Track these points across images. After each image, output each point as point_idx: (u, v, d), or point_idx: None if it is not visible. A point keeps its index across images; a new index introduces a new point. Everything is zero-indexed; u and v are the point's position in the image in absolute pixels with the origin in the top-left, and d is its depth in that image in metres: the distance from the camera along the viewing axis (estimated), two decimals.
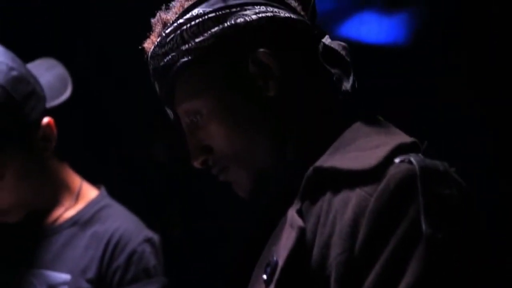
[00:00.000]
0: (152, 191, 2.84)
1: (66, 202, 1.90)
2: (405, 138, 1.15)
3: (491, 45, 2.55)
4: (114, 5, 2.75)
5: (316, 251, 1.07)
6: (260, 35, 1.21)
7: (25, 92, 1.74)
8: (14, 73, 1.73)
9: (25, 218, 1.86)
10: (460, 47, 2.59)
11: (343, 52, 1.22)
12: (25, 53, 1.88)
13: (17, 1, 2.72)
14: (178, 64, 1.22)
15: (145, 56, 1.29)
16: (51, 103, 1.85)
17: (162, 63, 1.24)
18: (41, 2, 2.76)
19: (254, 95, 1.21)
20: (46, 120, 1.80)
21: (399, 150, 1.10)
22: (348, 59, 1.22)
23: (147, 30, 1.30)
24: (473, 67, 2.58)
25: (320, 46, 1.23)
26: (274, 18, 1.21)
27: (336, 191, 1.10)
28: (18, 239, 1.88)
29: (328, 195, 1.11)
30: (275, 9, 1.22)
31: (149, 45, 1.28)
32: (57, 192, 1.90)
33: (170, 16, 1.25)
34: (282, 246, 1.11)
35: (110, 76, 2.84)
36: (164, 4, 1.30)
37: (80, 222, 1.87)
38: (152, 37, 1.28)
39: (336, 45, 1.23)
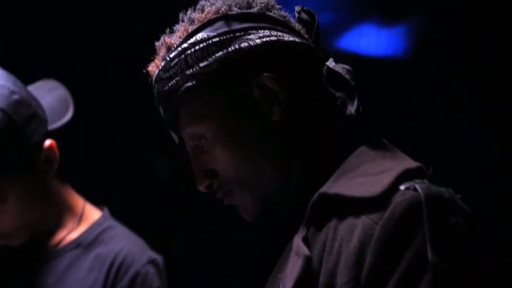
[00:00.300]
0: (154, 208, 2.84)
1: (69, 224, 1.89)
2: (411, 163, 1.15)
3: (491, 56, 2.55)
4: (115, 22, 2.75)
5: (322, 280, 1.07)
6: (264, 60, 1.21)
7: (27, 115, 1.73)
8: (16, 96, 1.73)
9: (28, 241, 1.85)
10: (460, 58, 2.58)
11: (347, 76, 1.22)
12: (26, 71, 1.87)
13: (17, 15, 2.72)
14: (183, 88, 1.22)
15: (149, 79, 1.29)
16: (53, 126, 1.85)
17: (166, 87, 1.24)
18: (42, 17, 2.76)
19: (259, 120, 1.21)
20: (48, 142, 1.79)
21: (404, 176, 1.10)
22: (353, 83, 1.22)
23: (148, 47, 1.30)
24: (474, 79, 2.57)
25: (324, 69, 1.23)
26: (278, 42, 1.21)
27: (341, 217, 1.10)
28: (21, 262, 1.87)
29: (333, 222, 1.11)
30: (279, 33, 1.22)
31: (153, 68, 1.28)
32: (60, 214, 1.89)
33: (174, 40, 1.25)
34: (288, 274, 1.11)
35: (110, 92, 2.84)
36: (168, 28, 1.30)
37: (83, 244, 1.86)
38: (156, 60, 1.28)
39: (340, 68, 1.23)
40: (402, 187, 1.07)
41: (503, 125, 2.48)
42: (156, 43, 1.29)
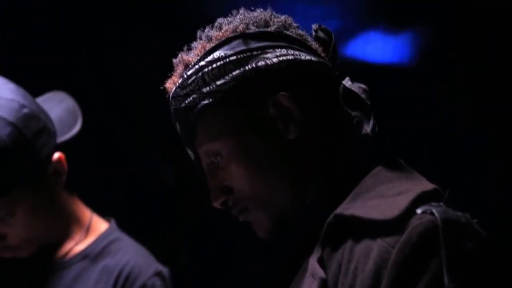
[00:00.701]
0: (160, 218, 2.84)
1: (76, 236, 1.89)
2: (427, 185, 1.15)
3: (495, 64, 2.55)
4: (123, 34, 2.75)
5: None
6: (281, 78, 1.21)
7: (36, 129, 1.73)
8: (25, 110, 1.72)
9: (35, 252, 1.85)
10: (465, 66, 2.59)
11: (363, 95, 1.22)
12: (34, 82, 1.87)
13: (24, 29, 2.73)
14: (199, 106, 1.22)
15: (166, 95, 1.29)
16: (62, 138, 1.85)
17: (183, 105, 1.24)
18: (49, 28, 2.76)
19: (275, 138, 1.22)
20: (57, 155, 1.79)
21: (421, 199, 1.10)
22: (369, 102, 1.22)
23: (156, 57, 1.30)
24: (478, 86, 2.58)
25: (341, 89, 1.23)
26: (295, 61, 1.22)
27: (357, 239, 1.10)
28: (29, 274, 1.87)
29: (349, 243, 1.11)
30: (296, 52, 1.22)
31: (170, 85, 1.28)
32: (68, 226, 1.89)
33: (191, 57, 1.25)
34: None
35: (117, 103, 2.84)
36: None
37: (91, 256, 1.86)
38: (173, 77, 1.28)
39: (356, 87, 1.23)
40: (418, 211, 1.07)
41: (505, 131, 2.49)
42: (174, 60, 1.29)
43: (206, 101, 1.22)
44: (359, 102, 1.22)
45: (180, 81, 1.25)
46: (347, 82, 1.24)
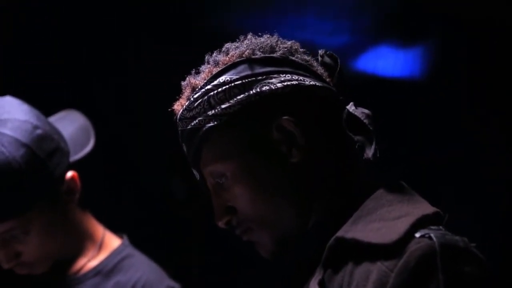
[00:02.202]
0: (172, 233, 2.86)
1: (89, 252, 1.91)
2: (428, 208, 1.16)
3: (505, 77, 2.56)
4: (136, 51, 2.78)
5: None
6: (285, 103, 1.24)
7: (49, 149, 1.76)
8: (39, 131, 1.75)
9: (49, 268, 1.87)
10: (474, 80, 2.60)
11: (366, 121, 1.24)
12: (48, 102, 1.90)
13: (38, 45, 2.76)
14: (205, 128, 1.25)
15: (174, 117, 1.33)
16: (75, 157, 1.87)
17: (189, 127, 1.27)
18: (65, 48, 2.79)
19: (278, 161, 1.24)
20: (70, 174, 1.82)
21: (420, 222, 1.11)
22: (371, 128, 1.24)
23: (167, 76, 1.32)
24: (488, 100, 2.59)
25: (344, 113, 1.26)
26: (299, 86, 1.24)
27: (357, 262, 1.12)
28: None
29: (350, 266, 1.13)
30: (301, 77, 1.25)
31: (178, 107, 1.31)
32: (81, 242, 1.91)
33: (198, 81, 1.29)
34: None
35: (128, 116, 2.87)
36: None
37: (103, 272, 1.88)
38: (181, 100, 1.31)
39: (359, 113, 1.25)
40: (417, 235, 1.09)
41: None
42: (182, 83, 1.32)
43: (212, 124, 1.25)
44: (362, 127, 1.25)
45: (187, 103, 1.28)
46: (351, 107, 1.27)
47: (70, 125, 1.95)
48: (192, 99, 1.27)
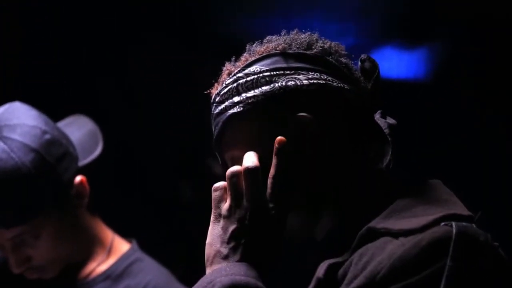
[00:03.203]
0: (180, 238, 2.86)
1: (99, 257, 1.92)
2: (462, 210, 1.16)
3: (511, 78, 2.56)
4: (144, 54, 2.78)
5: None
6: (307, 100, 1.24)
7: (58, 154, 1.77)
8: (47, 136, 1.76)
9: (59, 273, 1.88)
10: (480, 81, 2.60)
11: (387, 131, 1.25)
12: (55, 105, 1.92)
13: (46, 48, 2.77)
14: (228, 113, 1.27)
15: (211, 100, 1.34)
16: (83, 162, 1.88)
17: (217, 110, 1.29)
18: (72, 51, 2.80)
19: (291, 156, 1.23)
20: (78, 178, 1.83)
21: (451, 218, 1.11)
22: (389, 139, 1.25)
23: (176, 79, 1.33)
24: (495, 101, 2.59)
25: (367, 120, 1.27)
26: (325, 86, 1.24)
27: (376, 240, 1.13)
28: None
29: (362, 248, 1.14)
30: (330, 78, 1.25)
31: (213, 91, 1.33)
32: (90, 246, 1.92)
33: (234, 68, 1.30)
34: None
35: (135, 119, 2.86)
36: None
37: (112, 276, 1.89)
38: (217, 84, 1.33)
39: (382, 122, 1.27)
40: (442, 223, 1.09)
41: None
42: (222, 68, 1.34)
43: (235, 110, 1.26)
44: (381, 136, 1.26)
45: (220, 88, 1.30)
46: (376, 115, 1.28)
47: (78, 130, 1.97)
48: (224, 84, 1.30)
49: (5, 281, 1.90)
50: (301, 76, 1.24)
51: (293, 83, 1.24)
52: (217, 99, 1.30)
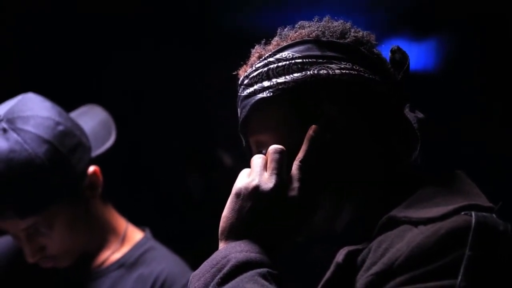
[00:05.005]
0: (189, 227, 2.87)
1: (112, 245, 1.94)
2: (483, 201, 1.14)
3: None
4: (153, 50, 2.80)
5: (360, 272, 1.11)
6: (338, 90, 1.24)
7: (72, 145, 1.78)
8: (61, 127, 1.77)
9: (73, 262, 1.90)
10: (489, 73, 2.60)
11: (416, 125, 1.25)
12: (65, 98, 1.93)
13: (58, 45, 2.78)
14: (257, 97, 1.27)
15: (237, 81, 1.35)
16: (96, 152, 1.89)
17: (245, 93, 1.30)
18: (82, 47, 2.82)
19: (316, 144, 1.23)
20: (92, 168, 1.84)
21: (472, 208, 1.10)
22: (418, 133, 1.24)
23: (184, 74, 1.33)
24: (504, 94, 2.59)
25: (397, 113, 1.27)
26: (356, 77, 1.23)
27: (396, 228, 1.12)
28: (67, 282, 1.91)
29: (382, 236, 1.13)
30: (361, 68, 1.24)
31: (242, 72, 1.33)
32: (104, 235, 1.94)
33: (264, 51, 1.30)
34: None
35: (145, 115, 2.86)
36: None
37: (126, 264, 1.90)
38: (245, 66, 1.33)
39: (412, 116, 1.26)
40: (462, 213, 1.08)
41: None
42: (251, 50, 1.34)
43: (264, 95, 1.27)
44: (409, 130, 1.26)
45: (249, 70, 1.30)
46: (405, 108, 1.28)
47: (91, 120, 1.97)
48: (254, 67, 1.29)
49: (20, 270, 1.91)
50: (333, 65, 1.23)
51: (325, 72, 1.23)
52: (245, 82, 1.30)
